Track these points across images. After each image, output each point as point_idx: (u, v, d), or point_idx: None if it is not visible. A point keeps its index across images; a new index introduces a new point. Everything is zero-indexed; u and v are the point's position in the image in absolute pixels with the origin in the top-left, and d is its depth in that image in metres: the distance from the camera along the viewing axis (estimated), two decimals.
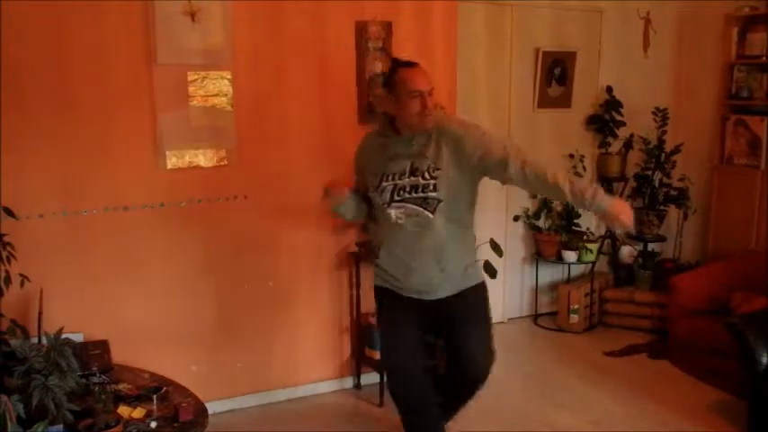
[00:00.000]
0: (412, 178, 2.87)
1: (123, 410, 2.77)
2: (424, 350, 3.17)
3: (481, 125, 2.98)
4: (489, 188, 5.03)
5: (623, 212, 2.68)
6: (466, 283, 3.05)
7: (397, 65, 2.90)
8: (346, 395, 4.14)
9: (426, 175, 2.85)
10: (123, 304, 3.55)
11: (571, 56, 5.14)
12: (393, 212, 2.91)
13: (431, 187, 2.85)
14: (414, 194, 2.87)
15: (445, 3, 4.13)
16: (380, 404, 3.97)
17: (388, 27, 3.96)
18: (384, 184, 2.91)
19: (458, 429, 3.52)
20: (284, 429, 3.71)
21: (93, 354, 3.24)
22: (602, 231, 5.38)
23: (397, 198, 2.90)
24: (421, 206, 2.87)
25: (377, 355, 4.00)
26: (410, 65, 2.88)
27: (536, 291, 5.37)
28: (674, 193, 5.21)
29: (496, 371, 3.74)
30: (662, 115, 5.18)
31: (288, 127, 3.83)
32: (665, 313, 4.81)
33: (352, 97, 3.96)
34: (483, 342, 3.09)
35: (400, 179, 2.88)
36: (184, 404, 2.80)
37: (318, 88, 3.87)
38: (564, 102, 5.22)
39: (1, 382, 2.58)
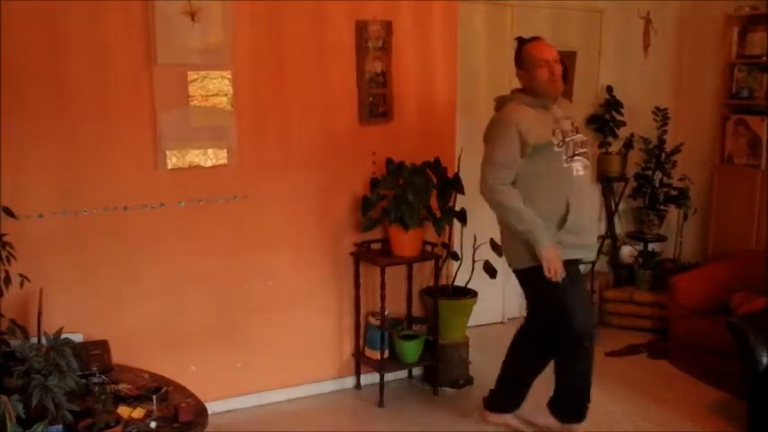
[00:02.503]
0: (577, 135, 3.25)
1: (123, 411, 2.77)
2: None
3: None
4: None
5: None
6: None
7: (522, 42, 3.29)
8: (346, 395, 4.14)
9: (580, 131, 3.29)
10: (123, 304, 3.55)
11: (571, 56, 5.13)
12: (575, 165, 3.21)
13: (587, 141, 3.31)
14: (582, 149, 3.25)
15: (445, 3, 4.13)
16: (380, 404, 3.97)
17: (388, 27, 3.96)
18: (567, 139, 3.19)
19: (458, 429, 3.53)
20: (284, 429, 3.70)
21: (93, 354, 3.23)
22: (602, 231, 5.38)
23: (576, 152, 3.22)
24: (588, 158, 3.29)
25: (377, 355, 4.00)
26: (534, 39, 3.29)
27: None
28: (674, 192, 5.21)
29: (496, 371, 3.75)
30: (662, 115, 5.18)
31: (288, 127, 3.83)
32: (665, 313, 4.81)
33: (353, 97, 3.96)
34: None
35: (572, 135, 3.23)
36: (184, 404, 2.80)
37: (318, 88, 3.87)
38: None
39: (1, 382, 2.58)
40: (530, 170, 3.18)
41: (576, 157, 3.22)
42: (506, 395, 3.65)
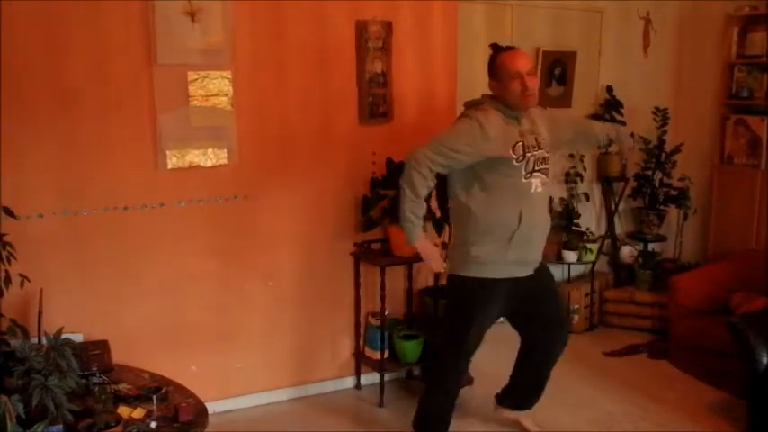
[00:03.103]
0: (539, 151, 3.16)
1: (123, 410, 2.77)
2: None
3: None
4: None
5: None
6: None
7: (497, 50, 3.17)
8: (346, 395, 4.14)
9: (543, 146, 3.19)
10: (123, 304, 3.55)
11: (571, 56, 5.14)
12: (534, 181, 3.15)
13: (548, 158, 3.22)
14: (543, 165, 3.18)
15: (445, 3, 4.13)
16: (380, 404, 3.97)
17: (388, 27, 3.96)
18: (528, 155, 3.11)
19: (458, 429, 3.53)
20: (284, 429, 3.71)
21: (93, 354, 3.23)
22: (602, 231, 5.38)
23: (536, 169, 3.15)
24: (547, 174, 3.22)
25: (377, 355, 4.00)
26: (509, 48, 3.17)
27: None
28: (674, 192, 5.21)
29: (496, 371, 3.75)
30: (662, 115, 5.18)
31: (288, 127, 3.83)
32: (665, 313, 4.81)
33: (353, 97, 3.96)
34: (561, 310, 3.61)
35: (534, 151, 3.14)
36: (184, 404, 2.80)
37: (318, 88, 3.87)
38: (564, 102, 5.21)
39: (1, 382, 2.58)
40: (488, 181, 3.10)
41: (536, 173, 3.13)
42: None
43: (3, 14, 3.13)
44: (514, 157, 3.08)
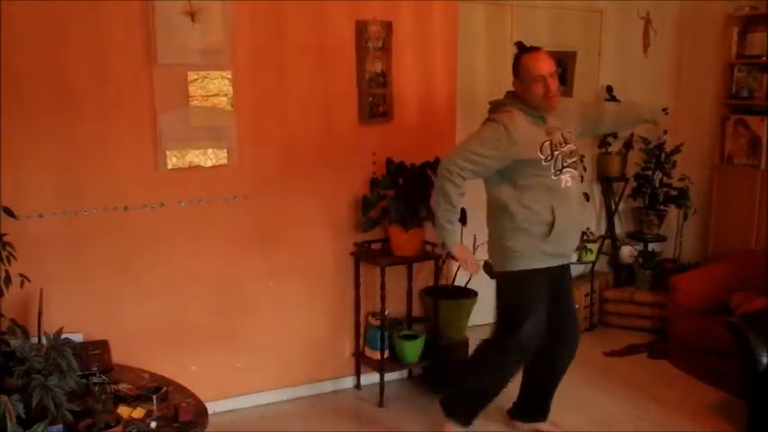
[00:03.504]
0: (566, 146, 3.21)
1: (123, 410, 2.77)
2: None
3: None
4: None
5: None
6: None
7: (521, 50, 3.21)
8: (346, 395, 4.14)
9: (570, 140, 3.24)
10: (123, 304, 3.55)
11: (571, 56, 5.14)
12: (564, 177, 3.20)
13: (576, 150, 3.28)
14: (570, 159, 3.23)
15: (445, 3, 4.13)
16: (380, 404, 3.97)
17: (388, 27, 3.96)
18: (555, 153, 3.17)
19: (458, 430, 3.52)
20: (284, 429, 3.71)
21: (93, 354, 3.23)
22: (602, 231, 5.38)
23: (565, 165, 3.20)
24: (575, 167, 3.28)
25: (377, 355, 4.00)
26: (533, 49, 3.21)
27: None
28: (674, 192, 5.21)
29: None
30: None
31: (288, 127, 3.83)
32: (665, 313, 4.81)
33: (353, 97, 3.96)
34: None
35: (561, 147, 3.19)
36: (184, 404, 2.80)
37: (318, 88, 3.87)
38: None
39: (1, 382, 2.58)
40: (519, 181, 3.18)
41: (565, 169, 3.21)
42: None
43: (3, 14, 3.13)
44: (542, 157, 3.15)
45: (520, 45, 3.28)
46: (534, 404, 3.64)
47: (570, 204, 3.26)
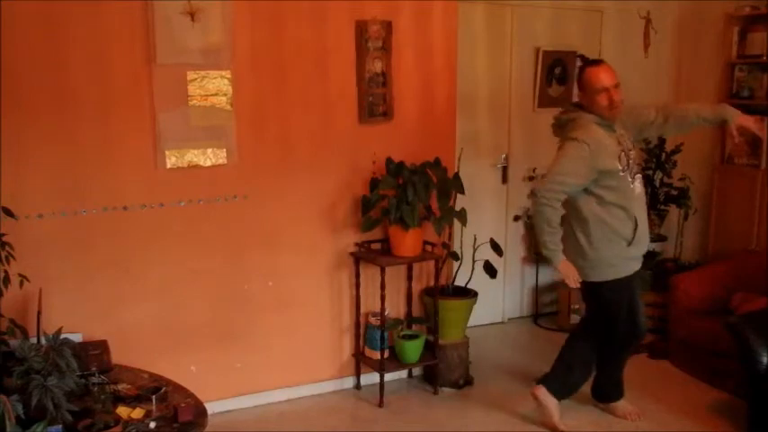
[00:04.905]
0: (632, 152, 3.38)
1: (122, 411, 2.77)
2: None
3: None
4: (489, 188, 5.05)
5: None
6: None
7: (585, 64, 3.35)
8: (346, 395, 4.14)
9: (633, 146, 3.43)
10: (123, 304, 3.55)
11: (571, 56, 5.13)
12: (636, 184, 3.39)
13: (639, 155, 3.51)
14: (637, 166, 3.43)
15: (445, 3, 4.13)
16: (380, 404, 3.96)
17: (388, 27, 3.96)
18: (630, 161, 3.35)
19: (458, 430, 3.52)
20: (284, 429, 3.70)
21: (93, 354, 3.23)
22: None
23: (636, 173, 3.40)
24: (640, 172, 3.48)
25: (377, 355, 4.00)
26: (595, 63, 3.40)
27: (536, 291, 5.37)
28: (674, 192, 5.20)
29: (496, 371, 3.75)
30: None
31: (288, 127, 3.83)
32: (665, 313, 4.80)
33: (353, 97, 3.96)
34: None
35: (630, 154, 3.36)
36: (184, 404, 2.80)
37: (318, 88, 3.87)
38: (564, 101, 5.21)
39: (0, 382, 2.58)
40: (600, 193, 3.32)
41: (636, 176, 3.40)
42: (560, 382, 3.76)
43: (3, 14, 3.13)
44: (620, 168, 3.30)
45: (583, 58, 3.38)
46: (608, 387, 3.83)
47: (643, 208, 3.46)
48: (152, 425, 2.69)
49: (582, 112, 3.37)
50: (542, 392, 3.65)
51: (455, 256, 4.29)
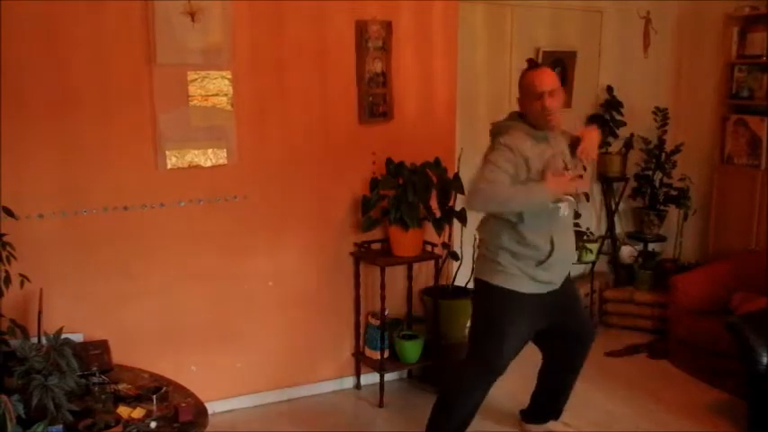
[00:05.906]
0: (571, 173, 3.07)
1: (123, 411, 2.77)
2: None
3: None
4: None
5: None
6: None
7: (529, 66, 3.10)
8: (346, 395, 4.14)
9: (570, 168, 3.10)
10: (123, 304, 3.55)
11: (571, 56, 5.14)
12: (561, 206, 3.08)
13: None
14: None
15: (445, 3, 4.13)
16: (380, 404, 3.97)
17: (388, 27, 3.96)
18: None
19: None
20: (284, 429, 3.71)
21: (93, 354, 3.24)
22: (602, 231, 5.38)
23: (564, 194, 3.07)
24: (572, 198, 3.12)
25: (377, 355, 4.00)
26: (535, 67, 3.09)
27: None
28: (674, 192, 5.21)
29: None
30: (662, 115, 5.18)
31: (287, 127, 3.83)
32: (665, 313, 4.81)
33: (353, 97, 3.96)
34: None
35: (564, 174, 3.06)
36: (184, 404, 2.80)
37: (318, 88, 3.87)
38: (564, 102, 5.20)
39: (1, 382, 2.59)
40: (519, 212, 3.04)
41: (564, 197, 3.07)
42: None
43: (3, 14, 3.13)
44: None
45: (530, 61, 3.16)
46: (548, 406, 3.63)
47: (568, 235, 3.20)
48: (152, 425, 2.69)
49: (517, 121, 3.08)
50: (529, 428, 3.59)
51: (455, 256, 4.29)
